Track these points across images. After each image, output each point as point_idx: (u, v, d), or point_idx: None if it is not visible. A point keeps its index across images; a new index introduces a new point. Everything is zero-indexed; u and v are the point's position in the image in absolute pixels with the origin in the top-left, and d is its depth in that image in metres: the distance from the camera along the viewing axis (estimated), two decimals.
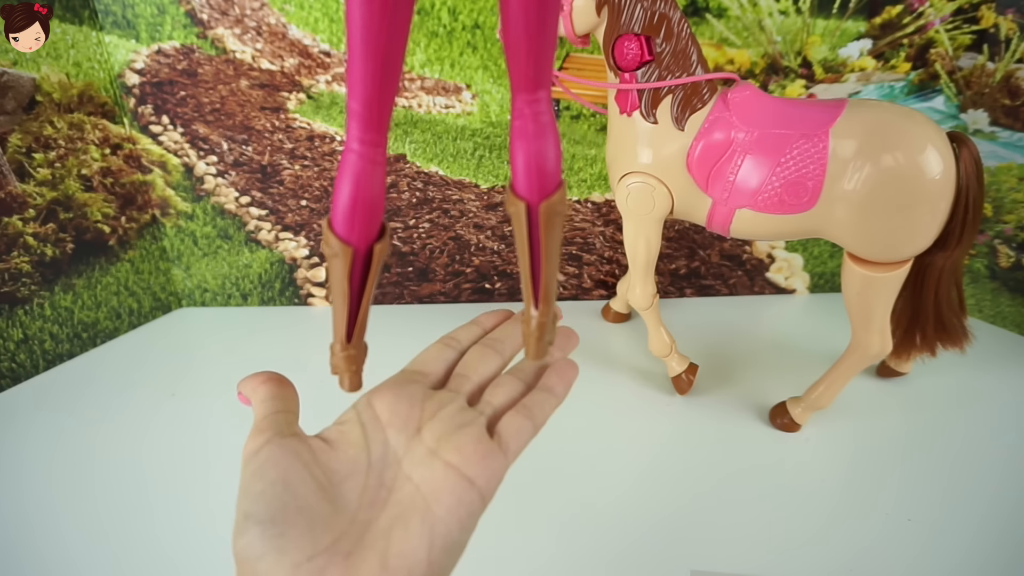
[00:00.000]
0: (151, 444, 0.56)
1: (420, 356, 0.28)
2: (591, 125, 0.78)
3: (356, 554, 0.20)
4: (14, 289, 0.67)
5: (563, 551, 0.44)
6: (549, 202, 0.20)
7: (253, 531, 0.19)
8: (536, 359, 0.24)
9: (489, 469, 0.23)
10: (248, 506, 0.20)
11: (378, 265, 0.21)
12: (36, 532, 0.46)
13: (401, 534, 0.20)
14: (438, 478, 0.22)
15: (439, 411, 0.24)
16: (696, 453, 0.54)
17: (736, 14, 0.73)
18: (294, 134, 0.79)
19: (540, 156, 0.20)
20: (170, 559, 0.44)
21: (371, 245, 0.21)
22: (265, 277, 0.86)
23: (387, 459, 0.23)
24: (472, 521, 0.22)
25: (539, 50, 0.18)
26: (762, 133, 0.49)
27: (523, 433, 0.25)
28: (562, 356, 0.28)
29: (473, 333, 0.29)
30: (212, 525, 0.46)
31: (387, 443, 0.23)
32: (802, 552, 0.43)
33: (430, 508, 0.21)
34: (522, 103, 0.19)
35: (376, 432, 0.23)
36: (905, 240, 0.47)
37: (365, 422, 0.24)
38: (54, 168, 0.69)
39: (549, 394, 0.27)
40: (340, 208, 0.20)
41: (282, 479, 0.20)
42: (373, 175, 0.20)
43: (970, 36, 0.72)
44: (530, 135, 0.19)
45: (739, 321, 0.80)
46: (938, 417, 0.59)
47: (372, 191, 0.20)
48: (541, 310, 0.22)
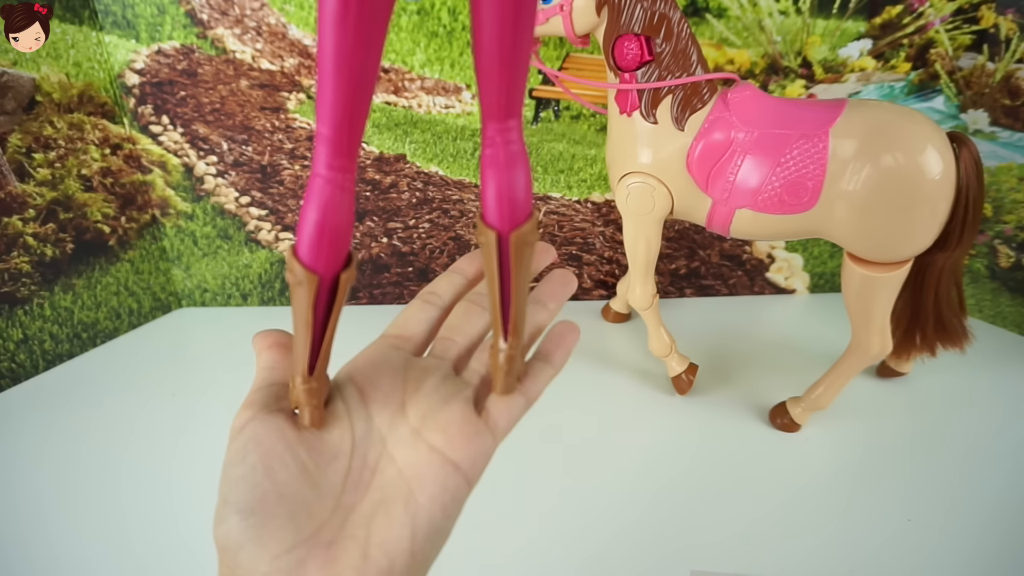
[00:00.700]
0: (151, 444, 0.56)
1: (399, 318, 0.26)
2: (591, 125, 0.78)
3: (338, 544, 0.19)
4: (14, 289, 0.67)
5: (563, 551, 0.44)
6: (519, 232, 0.20)
7: (232, 519, 0.19)
8: (503, 394, 0.23)
9: (475, 451, 0.21)
10: (228, 491, 0.19)
11: (343, 294, 0.21)
12: (36, 532, 0.46)
13: (383, 522, 0.20)
14: (422, 462, 0.21)
15: (423, 382, 0.23)
16: (696, 453, 0.54)
17: (736, 14, 0.73)
18: (294, 134, 0.79)
19: (511, 186, 0.19)
20: (170, 559, 0.44)
21: (337, 274, 0.20)
22: (265, 277, 0.86)
23: (371, 437, 0.22)
24: (457, 507, 0.21)
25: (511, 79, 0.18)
26: (762, 133, 0.49)
27: (514, 409, 0.23)
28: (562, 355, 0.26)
29: (455, 284, 0.27)
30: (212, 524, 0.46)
31: (370, 419, 0.22)
32: (802, 552, 0.43)
33: (413, 495, 0.20)
34: (493, 131, 0.19)
35: (360, 408, 0.22)
36: (905, 240, 0.47)
37: (347, 398, 0.22)
38: (54, 168, 0.69)
39: (545, 363, 0.25)
40: (306, 236, 0.19)
41: (263, 463, 0.20)
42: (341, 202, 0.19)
43: (970, 36, 0.72)
44: (501, 164, 0.19)
45: (739, 321, 0.80)
46: (938, 417, 0.59)
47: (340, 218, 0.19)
48: (511, 343, 0.21)
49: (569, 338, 0.26)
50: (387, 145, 0.79)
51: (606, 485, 0.50)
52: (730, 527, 0.46)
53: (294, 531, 0.19)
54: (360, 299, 0.87)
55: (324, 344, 0.21)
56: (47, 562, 0.44)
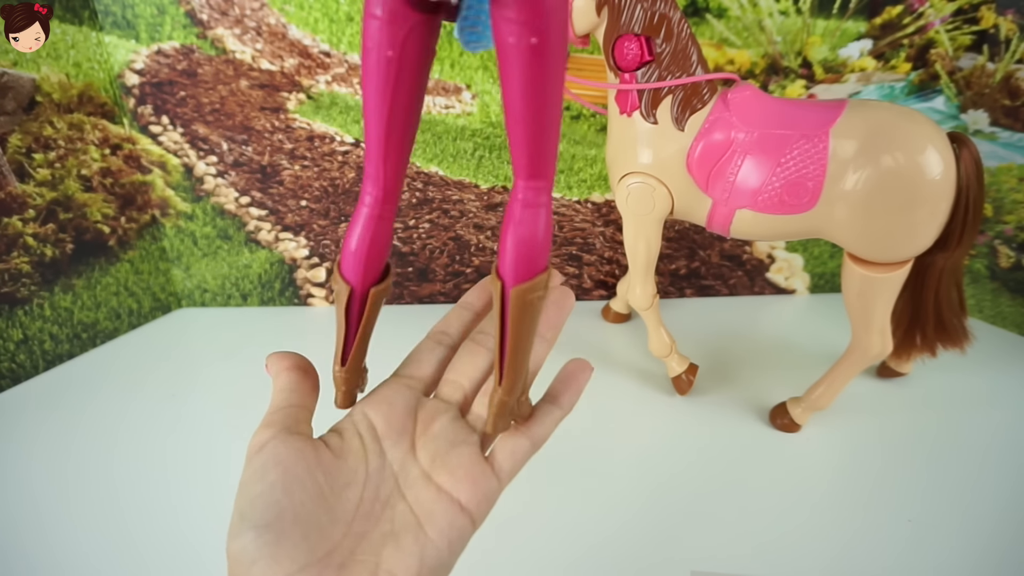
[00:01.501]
0: (151, 444, 0.56)
1: (410, 357, 0.27)
2: (591, 125, 0.78)
3: (348, 567, 0.20)
4: (14, 289, 0.67)
5: (563, 551, 0.44)
6: (520, 288, 0.20)
7: (248, 535, 0.19)
8: (492, 434, 0.24)
9: (480, 494, 0.23)
10: (245, 507, 0.20)
11: (374, 305, 0.24)
12: (36, 532, 0.46)
13: (393, 551, 0.21)
14: (432, 500, 0.22)
15: (432, 424, 0.24)
16: (696, 453, 0.54)
17: (736, 14, 0.73)
18: (294, 134, 0.79)
19: (519, 242, 0.20)
20: (169, 559, 0.44)
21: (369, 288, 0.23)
22: (265, 277, 0.86)
23: (383, 472, 0.23)
24: (462, 544, 0.22)
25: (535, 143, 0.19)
26: (762, 133, 0.49)
27: (519, 453, 0.24)
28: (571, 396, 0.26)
29: (464, 320, 0.28)
30: (212, 525, 0.46)
31: (383, 455, 0.23)
32: (802, 552, 0.43)
33: (423, 529, 0.21)
34: (517, 187, 0.20)
35: (373, 443, 0.23)
36: (905, 241, 0.47)
37: (363, 432, 0.24)
38: (54, 168, 0.69)
39: (552, 405, 0.25)
40: (345, 252, 0.23)
41: (282, 482, 0.20)
42: (376, 229, 0.22)
43: (970, 36, 0.72)
44: (516, 220, 0.20)
45: (739, 321, 0.80)
46: (938, 417, 0.59)
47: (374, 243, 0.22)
48: (504, 387, 0.22)
49: (580, 378, 0.26)
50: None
51: (606, 485, 0.50)
52: (730, 527, 0.46)
53: (307, 551, 0.19)
54: None
55: (356, 342, 0.24)
56: (47, 562, 0.44)
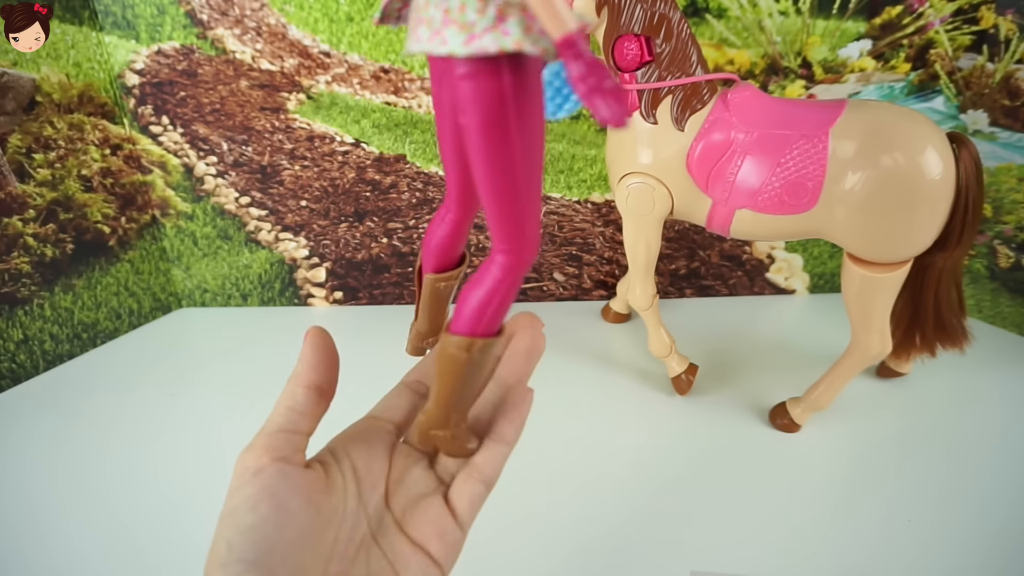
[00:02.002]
0: (151, 444, 0.56)
1: (384, 402, 0.28)
2: (591, 125, 0.78)
3: None
4: (14, 289, 0.67)
5: (562, 551, 0.44)
6: (447, 337, 0.22)
7: (235, 568, 0.19)
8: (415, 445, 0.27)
9: (448, 546, 0.24)
10: (234, 537, 0.20)
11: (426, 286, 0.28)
12: (36, 532, 0.46)
13: None
14: (405, 551, 0.23)
15: (404, 473, 0.25)
16: (696, 453, 0.54)
17: (736, 14, 0.73)
18: (294, 134, 0.79)
19: (462, 297, 0.22)
20: (169, 559, 0.44)
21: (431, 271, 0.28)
22: (265, 277, 0.86)
23: (358, 514, 0.23)
24: None
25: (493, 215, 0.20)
26: (762, 134, 0.49)
27: (476, 500, 0.25)
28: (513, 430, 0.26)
29: None
30: (212, 525, 0.46)
31: (360, 498, 0.24)
32: (802, 552, 0.43)
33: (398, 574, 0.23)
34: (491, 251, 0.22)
35: (353, 483, 0.24)
36: (905, 241, 0.47)
37: (344, 472, 0.24)
38: (54, 168, 0.69)
39: (500, 444, 0.26)
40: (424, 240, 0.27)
41: (275, 517, 0.20)
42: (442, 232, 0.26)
43: (970, 37, 0.72)
44: (472, 277, 0.22)
45: (739, 321, 0.80)
46: (938, 417, 0.59)
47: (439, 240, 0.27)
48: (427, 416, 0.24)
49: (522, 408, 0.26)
50: (387, 145, 0.79)
51: (606, 485, 0.50)
52: (730, 527, 0.46)
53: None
54: (360, 299, 0.87)
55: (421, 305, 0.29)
56: (48, 562, 0.44)
